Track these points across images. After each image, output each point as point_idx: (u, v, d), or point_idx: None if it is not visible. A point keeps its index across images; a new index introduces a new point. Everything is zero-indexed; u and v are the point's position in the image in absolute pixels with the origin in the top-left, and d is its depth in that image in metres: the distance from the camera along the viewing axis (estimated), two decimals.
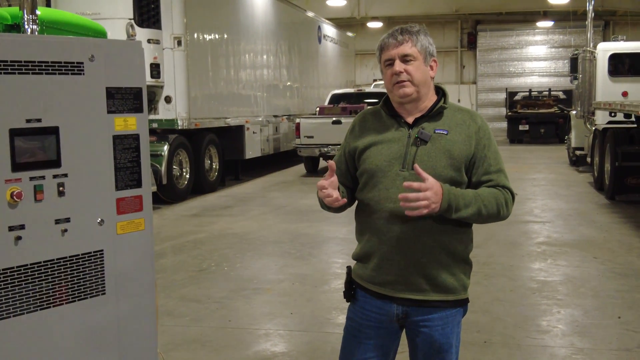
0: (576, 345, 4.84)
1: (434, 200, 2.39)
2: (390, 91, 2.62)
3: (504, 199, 2.57)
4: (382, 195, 2.55)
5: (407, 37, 2.56)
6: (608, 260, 7.24)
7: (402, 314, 2.62)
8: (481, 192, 2.54)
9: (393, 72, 2.55)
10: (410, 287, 2.58)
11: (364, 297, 2.69)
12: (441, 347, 2.63)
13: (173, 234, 9.03)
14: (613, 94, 12.59)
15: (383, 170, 2.56)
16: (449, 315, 2.63)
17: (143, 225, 2.99)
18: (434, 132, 2.55)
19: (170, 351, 4.77)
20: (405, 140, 2.57)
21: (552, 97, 25.30)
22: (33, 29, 3.49)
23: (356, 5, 27.15)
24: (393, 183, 2.53)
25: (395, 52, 2.55)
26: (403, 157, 2.54)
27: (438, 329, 2.62)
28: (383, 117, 2.67)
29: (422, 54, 2.57)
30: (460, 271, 2.64)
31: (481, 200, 2.50)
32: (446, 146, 2.53)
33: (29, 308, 2.62)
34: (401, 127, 2.60)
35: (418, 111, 2.60)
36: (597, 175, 12.33)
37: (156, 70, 11.45)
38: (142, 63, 2.99)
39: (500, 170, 2.60)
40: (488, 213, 2.53)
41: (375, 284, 2.63)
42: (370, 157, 2.60)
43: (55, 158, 2.67)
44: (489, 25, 29.74)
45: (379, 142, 2.60)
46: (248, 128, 14.65)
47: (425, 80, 2.59)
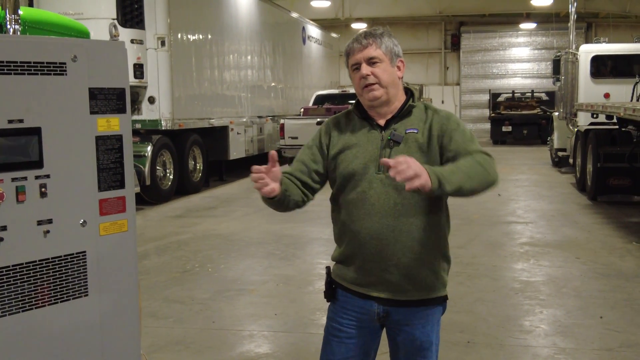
0: (558, 345, 4.87)
1: (417, 170, 2.22)
2: (360, 95, 2.64)
3: (483, 160, 2.47)
4: (360, 198, 2.57)
5: (371, 40, 2.59)
6: (590, 260, 7.29)
7: (383, 313, 2.64)
8: (459, 161, 2.45)
9: (361, 75, 2.58)
10: (391, 287, 2.60)
11: (344, 296, 2.71)
12: (422, 345, 2.66)
13: (156, 235, 8.99)
14: (595, 96, 12.70)
15: (359, 173, 2.58)
16: (429, 314, 2.67)
17: (126, 226, 2.98)
18: (406, 132, 2.58)
19: (153, 352, 4.75)
20: (378, 142, 2.59)
21: (535, 98, 25.47)
22: (15, 29, 3.46)
23: (340, 6, 27.18)
24: (370, 186, 2.56)
25: (361, 56, 2.58)
26: (377, 160, 2.56)
27: (419, 327, 2.65)
28: (355, 120, 2.69)
29: (387, 56, 2.60)
30: (440, 268, 2.66)
31: (463, 166, 2.41)
32: (418, 144, 2.56)
33: (11, 310, 2.60)
34: (373, 129, 2.63)
35: (389, 112, 2.63)
36: (580, 176, 12.42)
37: (139, 71, 11.40)
38: (125, 63, 2.97)
39: (470, 141, 2.54)
40: (478, 176, 2.41)
41: (357, 285, 2.65)
42: (345, 161, 2.61)
43: (37, 159, 2.65)
44: (472, 26, 29.88)
45: (353, 146, 2.63)
46: (232, 129, 14.62)
47: (393, 81, 2.61)
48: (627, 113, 9.10)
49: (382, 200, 2.54)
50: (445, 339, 4.96)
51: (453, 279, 6.52)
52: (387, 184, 2.53)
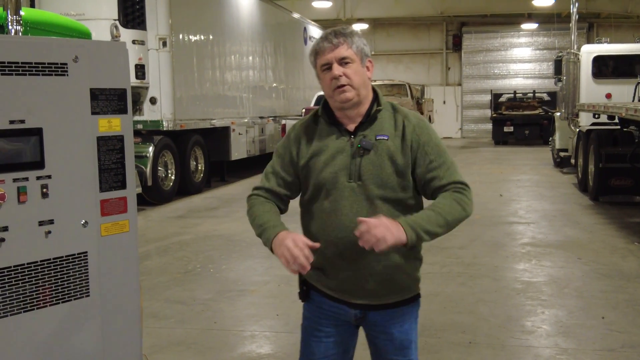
0: (560, 346, 4.87)
1: (392, 232, 2.29)
2: (330, 97, 2.55)
3: (462, 195, 2.50)
4: (332, 208, 2.52)
5: (342, 39, 2.50)
6: (592, 261, 7.29)
7: (360, 315, 2.63)
8: (438, 203, 2.48)
9: (332, 76, 2.48)
10: (367, 294, 2.57)
11: (320, 297, 2.67)
12: (402, 344, 2.64)
13: (158, 236, 8.99)
14: (597, 96, 12.68)
15: (330, 182, 2.52)
16: (406, 313, 2.65)
17: (127, 227, 2.98)
18: (375, 138, 2.52)
19: (155, 353, 4.75)
20: (348, 150, 2.52)
21: (537, 98, 25.47)
22: (17, 30, 3.46)
23: (342, 7, 27.19)
24: (342, 195, 2.50)
25: (332, 56, 2.49)
26: (348, 168, 2.51)
27: (397, 327, 2.63)
28: (323, 125, 2.61)
29: (358, 56, 2.52)
30: (413, 269, 2.64)
31: (442, 211, 2.45)
32: (389, 153, 2.50)
33: (12, 310, 2.61)
34: (342, 135, 2.55)
35: (358, 115, 2.55)
36: (581, 177, 12.41)
37: (141, 71, 11.41)
38: (126, 64, 2.98)
39: (444, 163, 2.54)
40: (455, 218, 2.47)
41: (331, 290, 2.62)
42: (316, 170, 2.55)
43: (39, 159, 2.66)
44: (473, 27, 29.87)
45: (322, 153, 2.55)
46: (234, 129, 14.62)
47: (364, 82, 2.54)
48: (629, 113, 9.09)
49: (355, 210, 2.47)
50: (446, 340, 4.98)
51: (454, 280, 6.55)
52: (358, 192, 2.48)
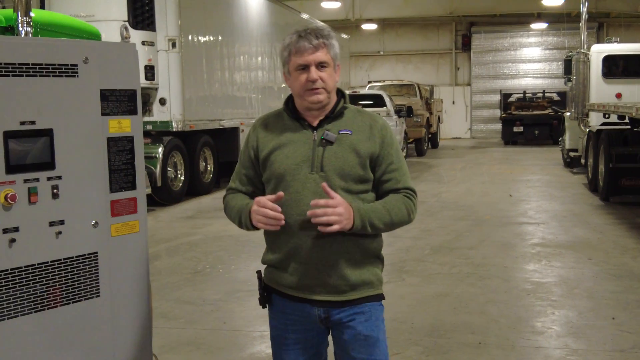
0: (571, 347, 4.85)
1: (345, 217, 2.41)
2: (300, 96, 2.56)
3: (411, 202, 2.61)
4: (294, 199, 2.52)
5: (322, 42, 2.52)
6: (602, 261, 7.26)
7: (324, 314, 2.60)
8: (389, 200, 2.58)
9: (310, 78, 2.50)
10: (328, 288, 2.57)
11: (282, 301, 2.66)
12: (367, 340, 2.60)
13: (168, 236, 9.02)
14: (607, 96, 12.63)
15: (292, 173, 2.53)
16: (371, 309, 2.63)
17: (137, 227, 2.99)
18: (339, 132, 2.56)
19: (165, 353, 4.76)
20: (311, 142, 2.56)
21: (546, 98, 25.38)
22: (27, 31, 3.48)
23: (350, 7, 27.17)
24: (304, 186, 2.52)
25: (312, 59, 2.50)
26: (311, 159, 2.53)
27: (362, 321, 2.60)
28: (285, 120, 2.64)
29: (333, 61, 2.56)
30: (375, 267, 2.65)
31: (391, 210, 2.55)
32: (352, 145, 2.55)
33: (23, 310, 2.62)
34: (305, 129, 2.59)
35: (322, 114, 2.60)
36: (591, 177, 12.36)
37: (150, 72, 11.43)
38: (136, 65, 2.99)
39: (401, 168, 2.64)
40: (400, 220, 2.59)
41: (294, 288, 2.60)
42: (277, 161, 2.56)
43: (49, 160, 2.67)
44: (483, 27, 29.79)
45: (284, 145, 2.57)
46: (243, 130, 14.62)
47: (335, 86, 2.60)
48: (639, 113, 9.05)
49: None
50: (456, 340, 4.97)
51: (464, 280, 6.54)
52: (320, 183, 2.49)
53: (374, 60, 30.75)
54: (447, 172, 16.48)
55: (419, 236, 8.46)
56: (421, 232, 8.74)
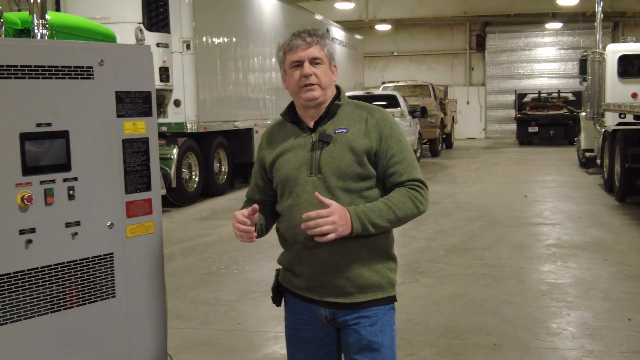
0: (586, 348, 4.82)
1: (340, 224, 2.39)
2: (296, 94, 2.59)
3: (417, 193, 2.54)
4: (295, 203, 2.55)
5: (316, 39, 2.56)
6: (618, 262, 7.21)
7: (330, 316, 2.60)
8: (392, 196, 2.52)
9: (303, 73, 2.53)
10: (335, 290, 2.56)
11: (293, 301, 2.69)
12: (369, 345, 2.57)
13: (182, 237, 9.05)
14: (622, 96, 12.54)
15: (293, 178, 2.56)
16: (378, 314, 2.59)
17: (152, 228, 3.00)
18: (335, 132, 2.55)
19: (180, 354, 4.78)
20: (309, 145, 2.57)
21: (562, 98, 25.24)
22: (43, 34, 3.51)
23: (364, 8, 27.15)
24: (303, 189, 2.53)
25: (305, 54, 2.53)
26: (309, 162, 2.54)
27: (366, 326, 2.57)
28: (287, 127, 2.67)
29: (328, 58, 2.58)
30: (384, 267, 2.60)
31: (394, 206, 2.49)
32: (347, 143, 2.52)
33: (39, 311, 2.64)
34: (304, 132, 2.61)
35: (318, 114, 2.60)
36: (607, 177, 12.28)
37: (165, 74, 11.49)
38: (151, 67, 3.00)
39: (405, 159, 2.57)
40: (406, 214, 2.52)
41: (302, 289, 2.63)
42: (280, 167, 2.60)
43: (65, 162, 2.69)
44: (497, 27, 29.68)
45: (286, 151, 2.61)
46: (257, 131, 14.65)
47: (330, 84, 2.60)
48: None
49: (316, 203, 2.45)
50: (471, 342, 4.95)
51: (479, 281, 6.51)
52: (319, 186, 2.51)
53: (388, 61, 30.71)
54: (461, 173, 16.42)
55: (433, 237, 8.44)
56: (435, 232, 8.72)
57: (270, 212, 2.76)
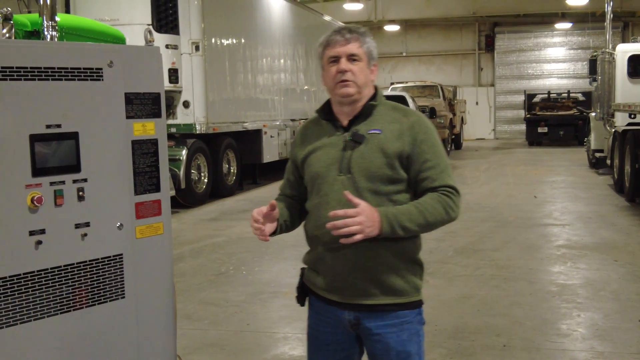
0: (596, 349, 4.80)
1: (368, 225, 2.35)
2: (331, 89, 2.56)
3: (449, 199, 2.50)
4: (323, 202, 2.52)
5: (355, 36, 2.52)
6: (628, 263, 7.18)
7: (354, 319, 2.56)
8: (423, 200, 2.48)
9: (339, 69, 2.50)
10: (358, 292, 2.52)
11: (316, 302, 2.67)
12: (398, 355, 2.53)
13: (192, 238, 9.06)
14: (633, 96, 12.48)
15: (322, 176, 2.54)
16: (403, 322, 2.54)
17: (162, 229, 3.01)
18: (368, 132, 2.52)
19: (189, 355, 4.79)
20: (341, 144, 2.54)
21: (571, 99, 25.18)
22: (52, 36, 3.53)
23: (373, 8, 27.15)
24: (331, 188, 2.51)
25: (343, 50, 2.51)
26: (339, 161, 2.52)
27: (393, 336, 2.53)
28: (322, 123, 2.65)
29: (366, 56, 2.54)
30: (409, 272, 2.56)
31: (425, 210, 2.45)
32: (379, 145, 2.49)
33: (49, 312, 2.64)
34: (337, 130, 2.58)
35: (354, 112, 2.57)
36: (617, 178, 12.23)
37: (174, 76, 11.51)
38: (160, 68, 3.01)
39: (438, 165, 2.52)
40: (436, 219, 2.47)
41: (325, 290, 2.60)
42: (311, 165, 2.59)
43: (75, 163, 2.69)
44: (506, 27, 29.62)
45: (318, 149, 2.59)
46: (266, 132, 14.68)
47: (367, 83, 2.56)
48: None
49: (344, 202, 2.42)
50: (480, 343, 4.94)
51: (488, 282, 6.49)
52: (347, 185, 2.47)
53: (397, 62, 30.68)
54: (470, 173, 16.39)
55: (442, 238, 8.42)
56: (445, 233, 8.70)
57: (300, 208, 2.74)
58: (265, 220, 2.55)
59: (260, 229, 2.52)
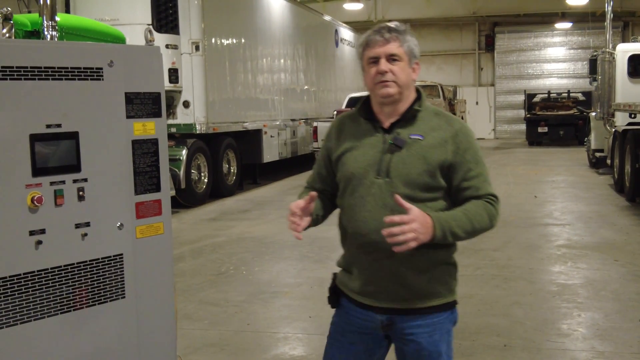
0: (597, 349, 4.80)
1: (422, 231, 2.30)
2: (371, 90, 2.52)
3: (492, 208, 2.50)
4: (358, 204, 2.49)
5: (395, 35, 2.46)
6: (629, 262, 7.18)
7: (387, 321, 2.55)
8: (469, 207, 2.45)
9: (378, 70, 2.45)
10: (392, 296, 2.51)
11: (347, 304, 2.64)
12: (430, 355, 2.53)
13: (192, 238, 9.06)
14: (633, 95, 12.49)
15: (359, 177, 2.49)
16: (436, 322, 2.54)
17: (162, 229, 3.00)
18: (409, 137, 2.47)
19: (189, 355, 4.79)
20: (380, 146, 2.49)
21: (571, 98, 25.16)
22: (53, 35, 3.52)
23: (373, 8, 27.15)
24: (368, 191, 2.47)
25: (382, 51, 2.45)
26: (378, 164, 2.48)
27: (425, 336, 2.53)
28: (360, 122, 2.59)
29: (407, 55, 2.48)
30: (444, 275, 2.55)
31: (473, 217, 2.44)
32: (421, 152, 2.44)
33: (49, 312, 2.64)
34: (377, 132, 2.52)
35: (396, 114, 2.52)
36: (617, 177, 12.23)
37: (174, 75, 11.51)
38: (160, 68, 3.00)
39: (482, 174, 2.50)
40: (482, 227, 2.47)
41: (358, 294, 2.57)
42: (347, 163, 2.54)
43: (75, 163, 2.69)
44: (507, 27, 29.61)
45: (355, 148, 2.54)
46: (266, 132, 14.68)
47: (408, 82, 2.51)
48: None
49: (380, 206, 2.42)
50: (481, 343, 4.94)
51: (489, 282, 6.49)
52: (385, 189, 2.44)
53: None
54: None
55: None
56: None
57: (329, 203, 2.72)
58: (303, 214, 2.51)
59: (297, 223, 2.48)
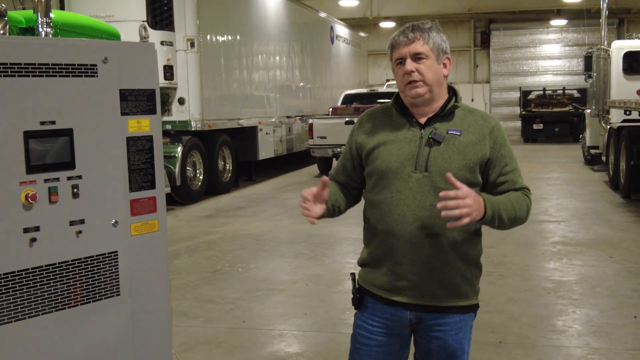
0: (592, 345, 4.81)
1: (475, 208, 2.30)
2: (402, 91, 2.52)
3: (529, 201, 2.55)
4: (395, 198, 2.47)
5: (419, 34, 2.46)
6: (624, 259, 7.19)
7: (415, 319, 2.55)
8: (513, 196, 2.49)
9: (405, 71, 2.45)
10: (423, 292, 2.51)
11: (373, 303, 2.61)
12: (455, 352, 2.57)
13: (187, 235, 9.05)
14: (628, 92, 12.50)
15: (395, 171, 2.48)
16: (462, 320, 2.58)
17: (157, 226, 2.99)
18: (447, 132, 2.48)
19: (184, 352, 4.78)
20: (417, 140, 2.48)
21: (567, 95, 25.18)
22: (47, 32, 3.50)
23: (368, 5, 27.13)
24: (406, 185, 2.46)
25: (407, 51, 2.45)
26: (416, 158, 2.46)
27: (452, 334, 2.56)
28: (394, 116, 2.58)
29: (434, 52, 2.46)
30: (473, 275, 2.58)
31: (516, 204, 2.47)
32: (460, 147, 2.45)
33: (44, 310, 2.63)
34: (413, 127, 2.51)
35: (431, 111, 2.51)
36: (612, 174, 12.26)
37: (169, 72, 11.49)
38: (155, 65, 2.99)
39: (516, 169, 2.55)
40: (521, 217, 2.50)
41: (387, 290, 2.56)
42: (381, 157, 2.52)
43: (69, 160, 2.68)
44: (502, 24, 29.63)
45: (390, 142, 2.52)
46: (261, 129, 14.67)
47: (438, 79, 2.49)
48: None
49: (418, 200, 2.43)
50: (476, 339, 4.93)
51: (484, 279, 6.46)
52: (424, 184, 2.44)
53: None
54: None
55: None
56: None
57: (351, 196, 2.72)
58: (315, 201, 2.52)
59: (308, 208, 2.50)
